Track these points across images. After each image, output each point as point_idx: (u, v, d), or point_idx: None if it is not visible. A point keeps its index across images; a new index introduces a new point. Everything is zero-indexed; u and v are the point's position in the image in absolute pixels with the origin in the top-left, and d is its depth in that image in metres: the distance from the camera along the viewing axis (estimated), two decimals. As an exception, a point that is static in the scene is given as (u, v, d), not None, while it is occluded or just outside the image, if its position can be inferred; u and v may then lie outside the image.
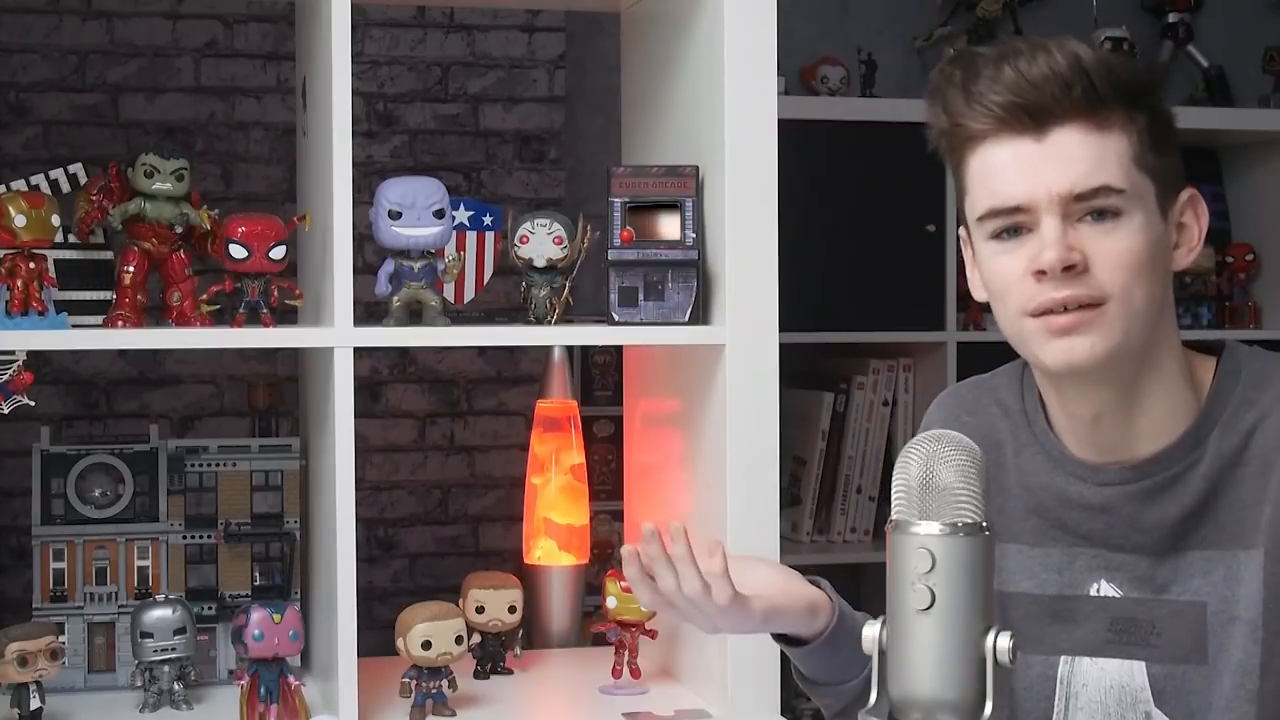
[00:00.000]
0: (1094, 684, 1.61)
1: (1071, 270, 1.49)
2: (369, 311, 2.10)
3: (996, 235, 1.54)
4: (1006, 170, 1.52)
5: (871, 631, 1.28)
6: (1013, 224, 1.53)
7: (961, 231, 1.66)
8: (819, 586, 1.65)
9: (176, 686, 2.02)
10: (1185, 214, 1.59)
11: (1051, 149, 1.51)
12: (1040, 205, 1.50)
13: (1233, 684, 1.53)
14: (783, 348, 2.05)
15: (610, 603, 2.11)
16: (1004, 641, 1.24)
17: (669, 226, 2.08)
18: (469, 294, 2.31)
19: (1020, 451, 1.64)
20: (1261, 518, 1.53)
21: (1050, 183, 1.50)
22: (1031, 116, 1.50)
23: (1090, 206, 1.50)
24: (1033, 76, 1.50)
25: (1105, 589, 1.61)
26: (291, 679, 1.98)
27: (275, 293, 2.02)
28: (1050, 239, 1.49)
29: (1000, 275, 1.55)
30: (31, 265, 1.91)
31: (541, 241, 2.08)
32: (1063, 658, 1.63)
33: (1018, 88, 1.50)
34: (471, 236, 2.32)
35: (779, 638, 1.67)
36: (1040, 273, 1.49)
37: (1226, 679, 1.54)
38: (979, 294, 1.64)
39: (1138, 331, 1.53)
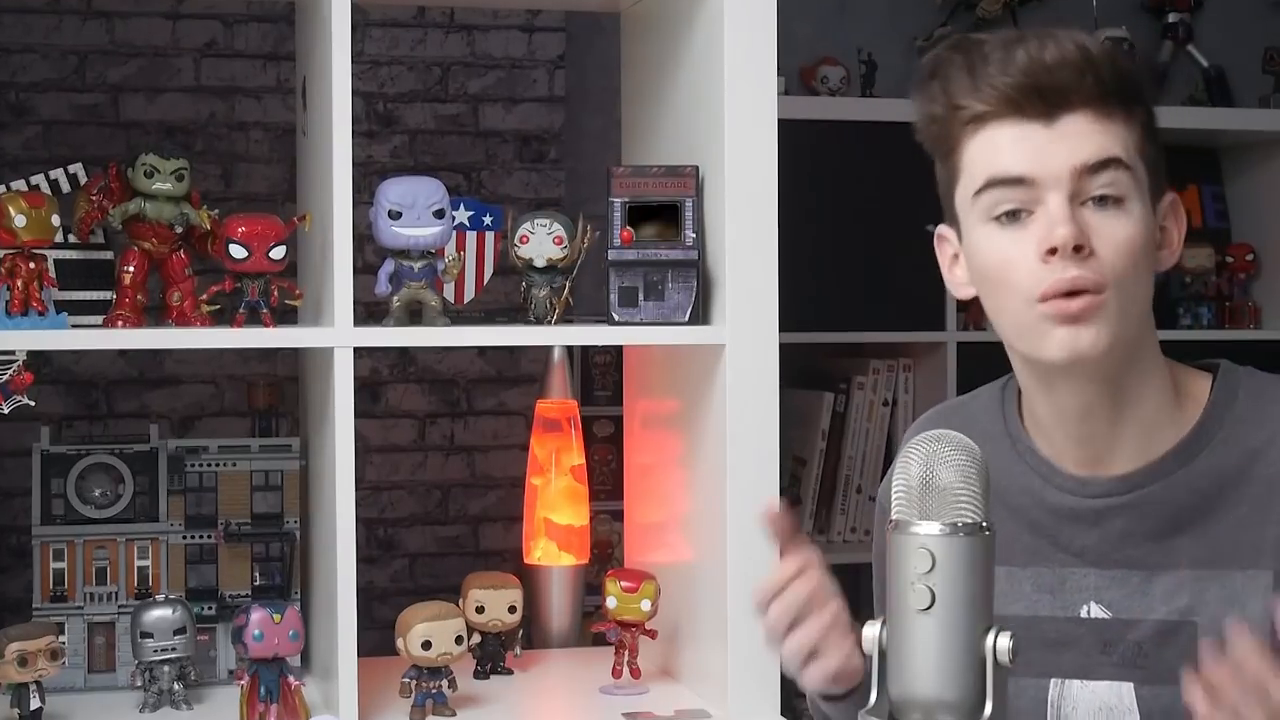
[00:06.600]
0: (1083, 706, 1.58)
1: (1080, 251, 1.45)
2: (369, 311, 2.10)
3: (995, 216, 1.50)
4: (1013, 147, 1.48)
5: (871, 632, 1.28)
6: (1013, 203, 1.48)
7: (940, 229, 1.63)
8: None
9: (176, 686, 2.02)
10: (1167, 217, 1.56)
11: (1060, 132, 1.47)
12: (1047, 182, 1.47)
13: None
14: (782, 347, 2.05)
15: (610, 603, 2.10)
16: (1004, 641, 1.23)
17: (669, 227, 2.08)
18: (469, 294, 2.31)
19: (1007, 472, 1.59)
20: (1266, 539, 1.50)
21: (1059, 161, 1.46)
22: (1043, 99, 1.47)
23: (1097, 185, 1.47)
24: (1046, 60, 1.47)
25: (1095, 610, 1.58)
26: (291, 679, 1.98)
27: (275, 293, 2.02)
28: (1060, 216, 1.45)
29: (1002, 259, 1.50)
30: (31, 265, 1.91)
31: (541, 241, 2.08)
32: (1053, 680, 1.60)
33: (1031, 70, 1.47)
34: (471, 236, 2.31)
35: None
36: (1051, 252, 1.45)
37: None
38: (962, 292, 1.59)
39: (1132, 324, 1.51)
